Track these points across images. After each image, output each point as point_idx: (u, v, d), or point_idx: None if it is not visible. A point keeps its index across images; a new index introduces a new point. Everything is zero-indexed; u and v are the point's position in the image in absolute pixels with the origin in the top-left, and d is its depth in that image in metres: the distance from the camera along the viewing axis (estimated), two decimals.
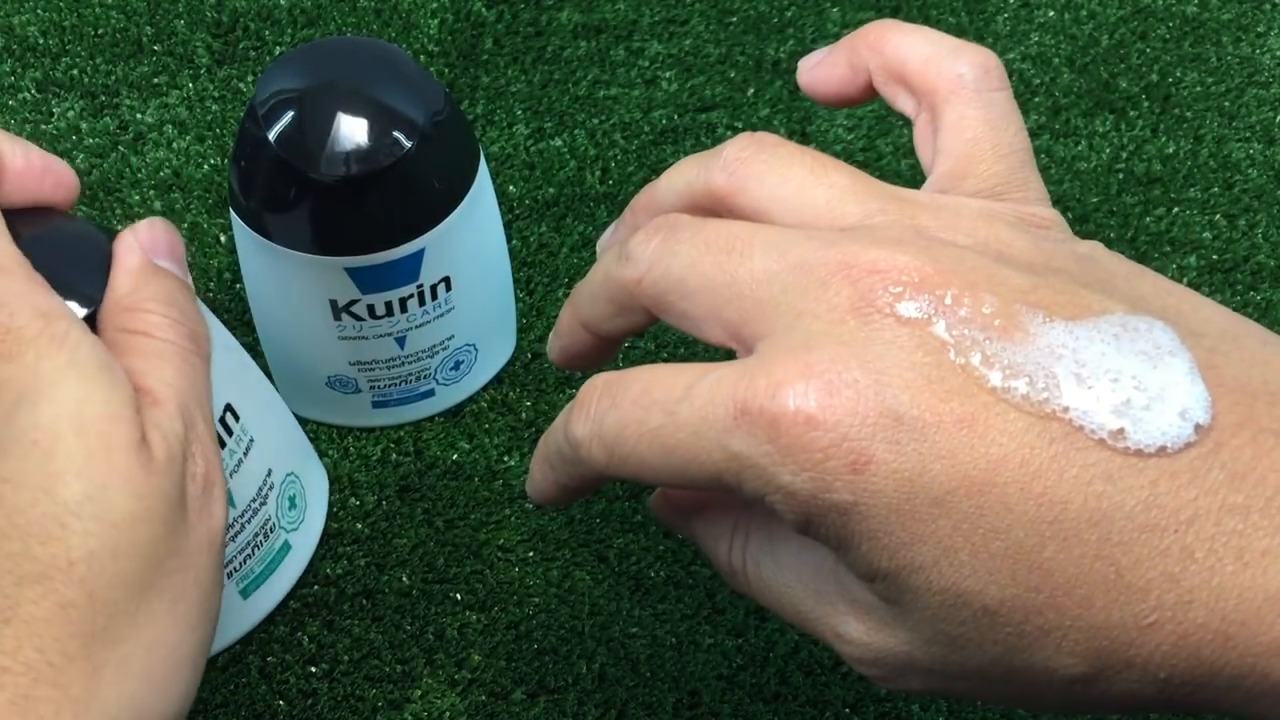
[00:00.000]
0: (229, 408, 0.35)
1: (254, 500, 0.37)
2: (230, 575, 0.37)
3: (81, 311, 0.30)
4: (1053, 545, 0.23)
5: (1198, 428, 0.23)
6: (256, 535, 0.37)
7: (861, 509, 0.24)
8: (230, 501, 0.36)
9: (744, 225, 0.27)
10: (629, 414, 0.26)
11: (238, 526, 0.36)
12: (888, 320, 0.24)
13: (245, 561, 0.37)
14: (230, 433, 0.35)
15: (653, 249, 0.28)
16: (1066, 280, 0.25)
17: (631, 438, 0.26)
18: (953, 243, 0.26)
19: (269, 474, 0.37)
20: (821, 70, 0.32)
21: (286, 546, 0.39)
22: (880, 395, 0.23)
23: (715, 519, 0.30)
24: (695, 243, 0.27)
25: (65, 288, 0.30)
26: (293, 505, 0.39)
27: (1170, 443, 0.23)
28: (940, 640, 0.25)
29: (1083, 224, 0.48)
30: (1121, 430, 0.23)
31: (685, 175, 0.30)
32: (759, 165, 0.28)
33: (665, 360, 0.45)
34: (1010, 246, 0.26)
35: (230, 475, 0.35)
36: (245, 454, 0.36)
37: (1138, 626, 0.23)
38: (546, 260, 0.47)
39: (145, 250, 0.31)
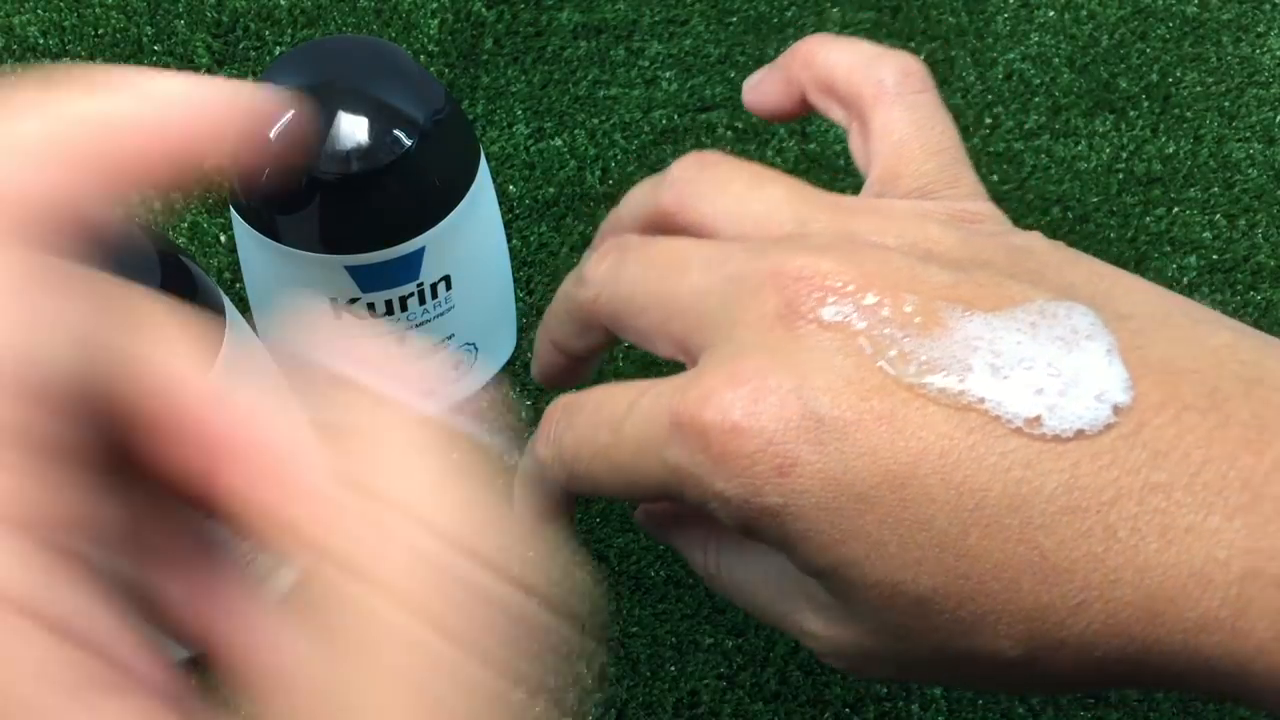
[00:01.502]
0: None
1: None
2: None
3: None
4: (976, 532, 0.23)
5: (1117, 408, 0.23)
6: None
7: (792, 510, 0.24)
8: None
9: (685, 242, 0.28)
10: (582, 434, 0.28)
11: None
12: (812, 326, 0.25)
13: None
14: None
15: (604, 270, 0.29)
16: (991, 273, 0.26)
17: (585, 457, 0.27)
18: (881, 245, 0.27)
19: None
20: (761, 88, 0.33)
21: None
22: (802, 399, 0.24)
23: (690, 528, 0.31)
24: (641, 262, 0.28)
25: None
26: None
27: (1088, 425, 0.23)
28: (886, 631, 0.25)
29: (1083, 224, 0.48)
30: (1037, 418, 0.23)
31: (639, 197, 0.31)
32: (701, 184, 0.29)
33: (659, 363, 0.45)
34: (939, 244, 0.27)
35: None
36: None
37: (1067, 607, 0.23)
38: (546, 260, 0.47)
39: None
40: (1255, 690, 0.23)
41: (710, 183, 0.29)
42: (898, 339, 0.25)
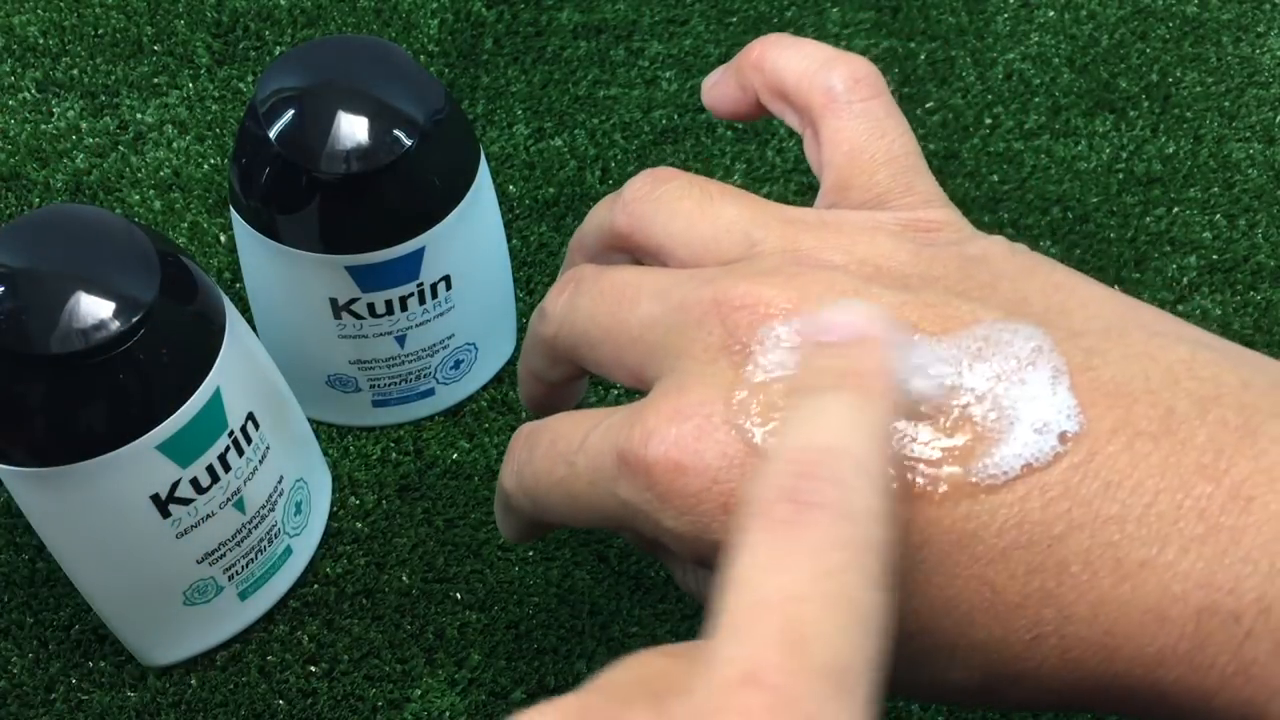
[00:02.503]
0: (250, 416, 0.35)
1: (263, 507, 0.37)
2: (230, 579, 0.37)
3: (133, 318, 0.30)
4: (924, 568, 0.23)
5: (1064, 437, 0.23)
6: (261, 541, 0.37)
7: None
8: (240, 508, 0.36)
9: (635, 271, 0.28)
10: (540, 466, 0.28)
11: (244, 533, 0.36)
12: (754, 355, 0.25)
13: (247, 566, 0.37)
14: (249, 440, 0.35)
15: (560, 305, 0.29)
16: (939, 292, 0.25)
17: (544, 488, 0.27)
18: (828, 263, 0.26)
19: (280, 480, 0.37)
20: (716, 90, 0.33)
21: (288, 551, 0.39)
22: (747, 437, 0.24)
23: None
24: (593, 295, 0.28)
25: (113, 291, 0.30)
26: (298, 511, 0.39)
27: (1034, 459, 0.23)
28: None
29: (1083, 224, 0.48)
30: (970, 466, 0.23)
31: (598, 218, 0.31)
32: (650, 204, 0.29)
33: None
34: (890, 258, 0.26)
35: (245, 483, 0.35)
36: (261, 462, 0.36)
37: (1021, 642, 0.23)
38: (546, 260, 0.47)
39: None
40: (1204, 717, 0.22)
41: (659, 203, 0.29)
42: None
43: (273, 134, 0.35)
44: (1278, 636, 0.21)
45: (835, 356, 0.22)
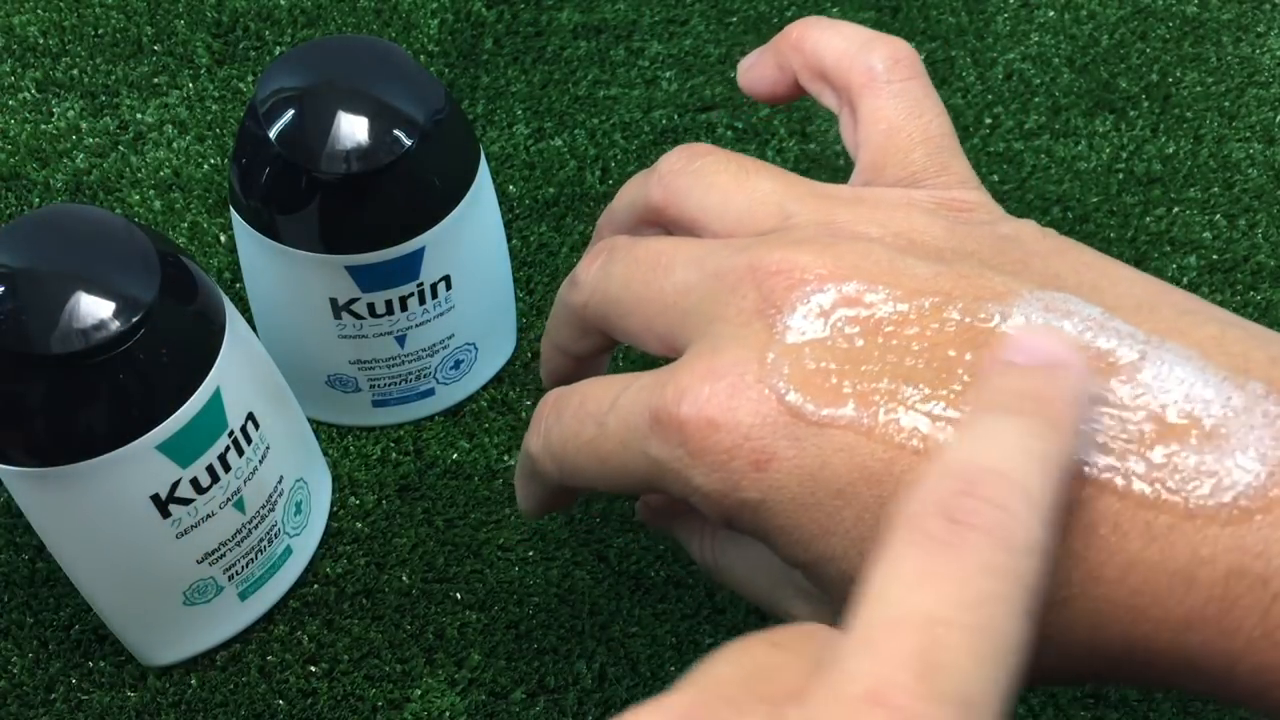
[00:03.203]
0: (250, 415, 0.35)
1: (263, 508, 0.37)
2: (230, 579, 0.37)
3: (134, 318, 0.30)
4: None
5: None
6: (261, 541, 0.37)
7: (770, 505, 0.24)
8: (240, 508, 0.36)
9: (669, 241, 0.28)
10: (569, 428, 0.28)
11: (244, 533, 0.36)
12: (787, 319, 0.25)
13: (247, 566, 0.37)
14: (249, 440, 0.35)
15: (593, 273, 0.29)
16: (974, 264, 0.26)
17: (572, 450, 0.28)
18: (864, 235, 0.27)
19: (280, 480, 0.37)
20: (754, 71, 0.33)
21: (288, 551, 0.39)
22: (781, 396, 0.24)
23: (688, 520, 0.31)
24: (627, 262, 0.28)
25: (113, 291, 0.30)
26: (298, 511, 0.39)
27: None
28: None
29: (1083, 224, 0.48)
30: None
31: (630, 193, 0.31)
32: (687, 178, 0.29)
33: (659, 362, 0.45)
34: (923, 234, 0.27)
35: (245, 483, 0.35)
36: (261, 462, 0.36)
37: (1049, 604, 0.23)
38: (546, 260, 0.47)
39: None
40: (1242, 687, 0.22)
41: (696, 176, 0.29)
42: None
43: (273, 134, 0.35)
44: None
45: (1021, 378, 0.22)
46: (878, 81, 0.30)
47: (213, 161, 0.50)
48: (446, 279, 0.39)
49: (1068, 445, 0.21)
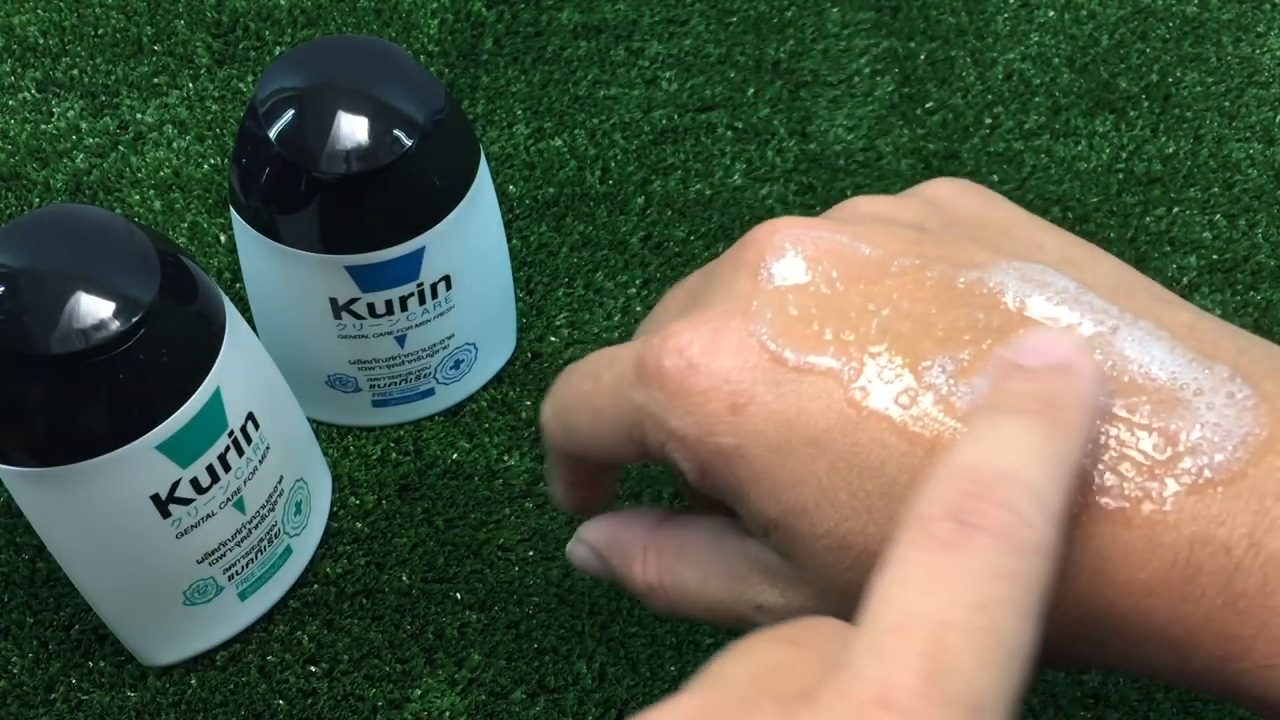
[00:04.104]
0: (250, 416, 0.35)
1: (263, 507, 0.37)
2: (230, 579, 0.37)
3: (133, 318, 0.30)
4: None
5: None
6: (261, 541, 0.37)
7: (745, 451, 0.25)
8: (240, 508, 0.36)
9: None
10: (571, 384, 0.29)
11: (244, 533, 0.36)
12: (770, 265, 0.26)
13: (247, 566, 0.37)
14: (249, 440, 0.35)
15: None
16: (955, 235, 0.26)
17: (573, 406, 0.28)
18: (848, 214, 0.28)
19: (280, 480, 0.37)
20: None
21: (288, 551, 0.39)
22: (762, 341, 0.25)
23: (625, 546, 0.30)
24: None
25: (113, 291, 0.30)
26: (298, 511, 0.39)
27: None
28: (836, 591, 0.25)
29: (1083, 224, 0.48)
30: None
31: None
32: None
33: None
34: (913, 215, 0.28)
35: (245, 483, 0.35)
36: (261, 462, 0.36)
37: None
38: (546, 260, 0.47)
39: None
40: (1201, 661, 0.22)
41: None
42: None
43: (273, 134, 0.35)
44: (1267, 571, 0.21)
45: (1031, 380, 0.22)
46: None
47: (213, 161, 0.50)
48: (446, 279, 0.39)
49: (1077, 448, 0.21)
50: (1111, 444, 0.23)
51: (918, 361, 0.24)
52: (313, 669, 0.38)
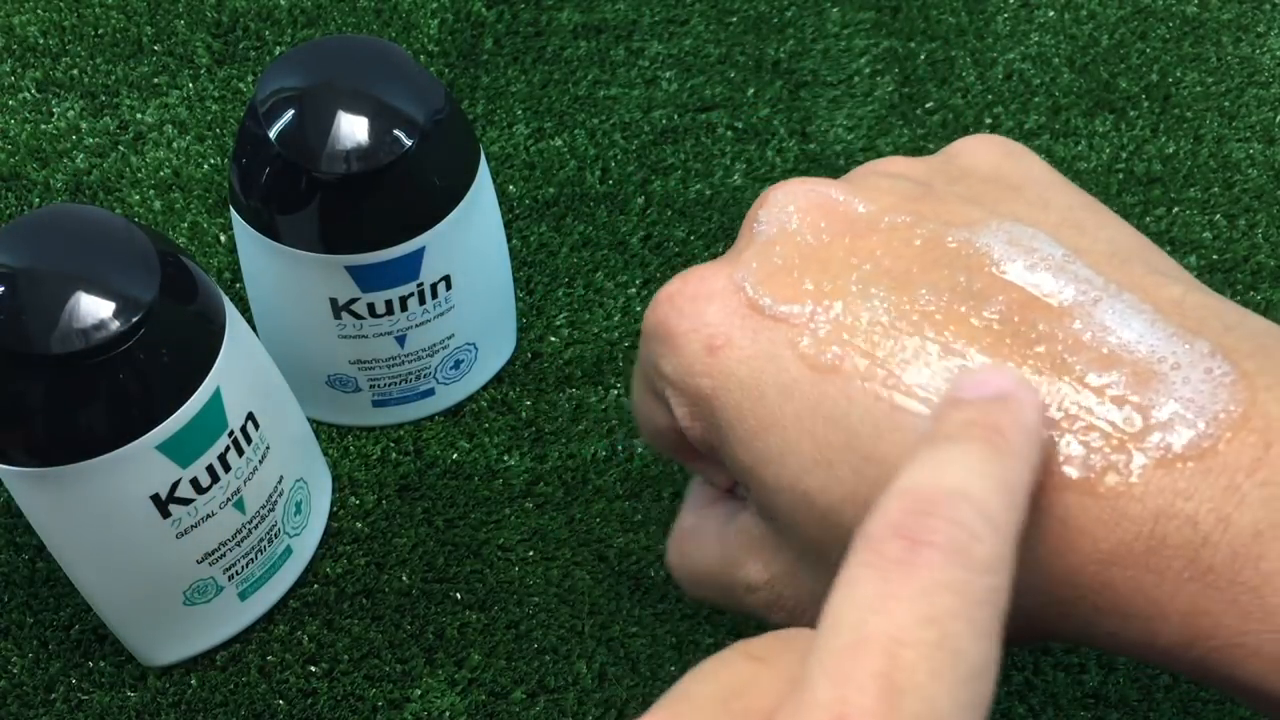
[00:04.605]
0: (250, 416, 0.35)
1: (263, 508, 0.37)
2: (230, 579, 0.37)
3: (133, 318, 0.30)
4: (892, 437, 0.24)
5: None
6: (261, 541, 0.37)
7: (720, 395, 0.25)
8: (240, 508, 0.36)
9: None
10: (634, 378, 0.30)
11: (244, 533, 0.36)
12: (761, 220, 0.27)
13: (247, 566, 0.37)
14: (249, 440, 0.35)
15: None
16: (954, 195, 0.27)
17: (634, 397, 0.30)
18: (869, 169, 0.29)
19: (280, 480, 0.37)
20: None
21: (288, 551, 0.39)
22: (743, 288, 0.26)
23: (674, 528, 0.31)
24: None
25: (113, 291, 0.30)
26: (298, 511, 0.39)
27: None
28: (812, 554, 0.26)
29: None
30: None
31: None
32: None
33: None
34: (925, 175, 0.28)
35: (245, 483, 0.35)
36: (261, 462, 0.36)
37: None
38: (546, 260, 0.47)
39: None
40: (1169, 639, 0.22)
41: None
42: None
43: (273, 134, 0.35)
44: (1235, 547, 0.21)
45: (972, 409, 0.22)
46: None
47: (213, 161, 0.50)
48: (446, 279, 0.39)
49: (1023, 471, 0.21)
50: (1081, 414, 0.23)
51: (893, 317, 0.24)
52: (313, 669, 0.38)
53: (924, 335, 0.24)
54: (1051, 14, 0.55)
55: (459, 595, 0.40)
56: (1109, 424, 0.23)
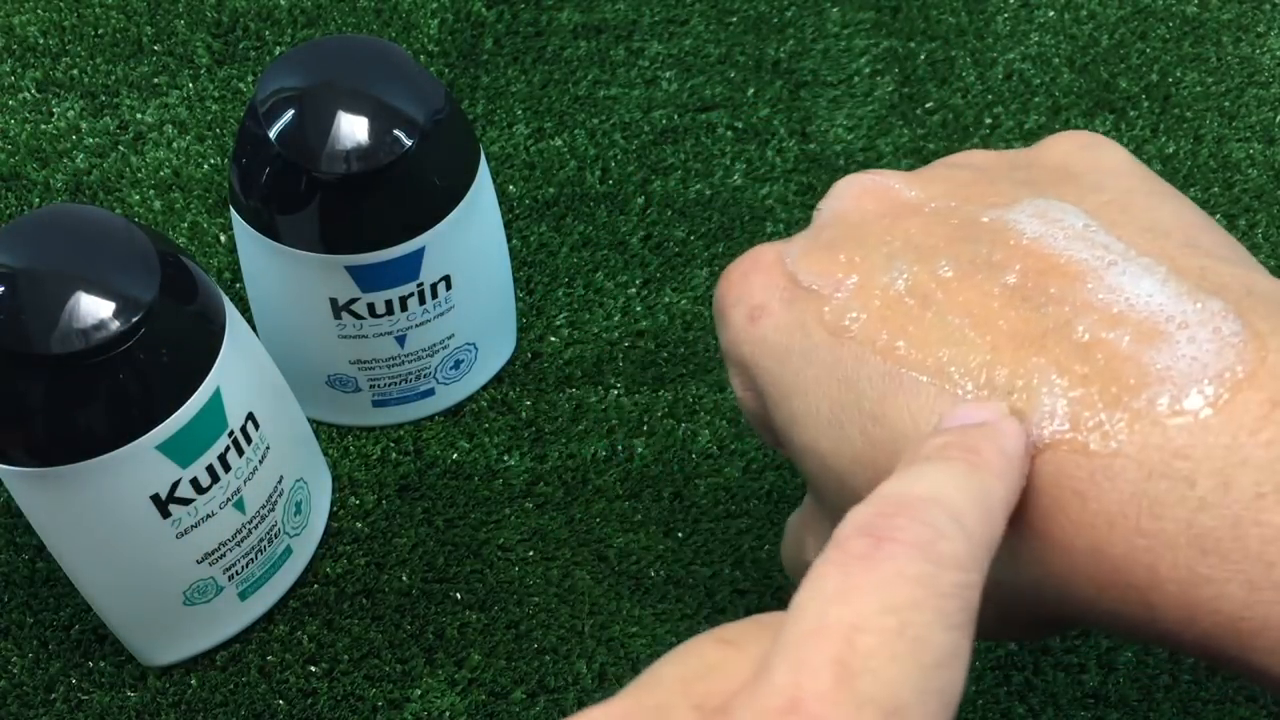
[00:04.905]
0: (250, 416, 0.35)
1: (263, 508, 0.37)
2: (230, 579, 0.37)
3: (134, 317, 0.30)
4: (897, 398, 0.24)
5: None
6: (261, 541, 0.37)
7: (759, 361, 0.27)
8: (240, 508, 0.36)
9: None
10: None
11: (244, 533, 0.36)
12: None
13: (247, 566, 0.37)
14: (249, 441, 0.35)
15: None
16: (1004, 178, 0.27)
17: (735, 388, 0.31)
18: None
19: (280, 480, 0.37)
20: None
21: (288, 551, 0.39)
22: (785, 264, 0.27)
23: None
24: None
25: (113, 291, 0.30)
26: (298, 511, 0.39)
27: None
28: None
29: None
30: None
31: None
32: None
33: (657, 362, 0.44)
34: (987, 163, 0.29)
35: (245, 483, 0.35)
36: (261, 462, 0.36)
37: None
38: (546, 260, 0.47)
39: None
40: (1168, 612, 0.21)
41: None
42: None
43: (273, 134, 0.35)
44: (1237, 510, 0.20)
45: (951, 434, 0.22)
46: None
47: (213, 161, 0.50)
48: (446, 279, 0.39)
49: (1000, 490, 0.21)
50: (1077, 370, 0.22)
51: (907, 284, 0.25)
52: (313, 669, 0.38)
53: (935, 301, 0.25)
54: (1051, 14, 0.55)
55: (459, 595, 0.40)
56: (1104, 381, 0.22)
